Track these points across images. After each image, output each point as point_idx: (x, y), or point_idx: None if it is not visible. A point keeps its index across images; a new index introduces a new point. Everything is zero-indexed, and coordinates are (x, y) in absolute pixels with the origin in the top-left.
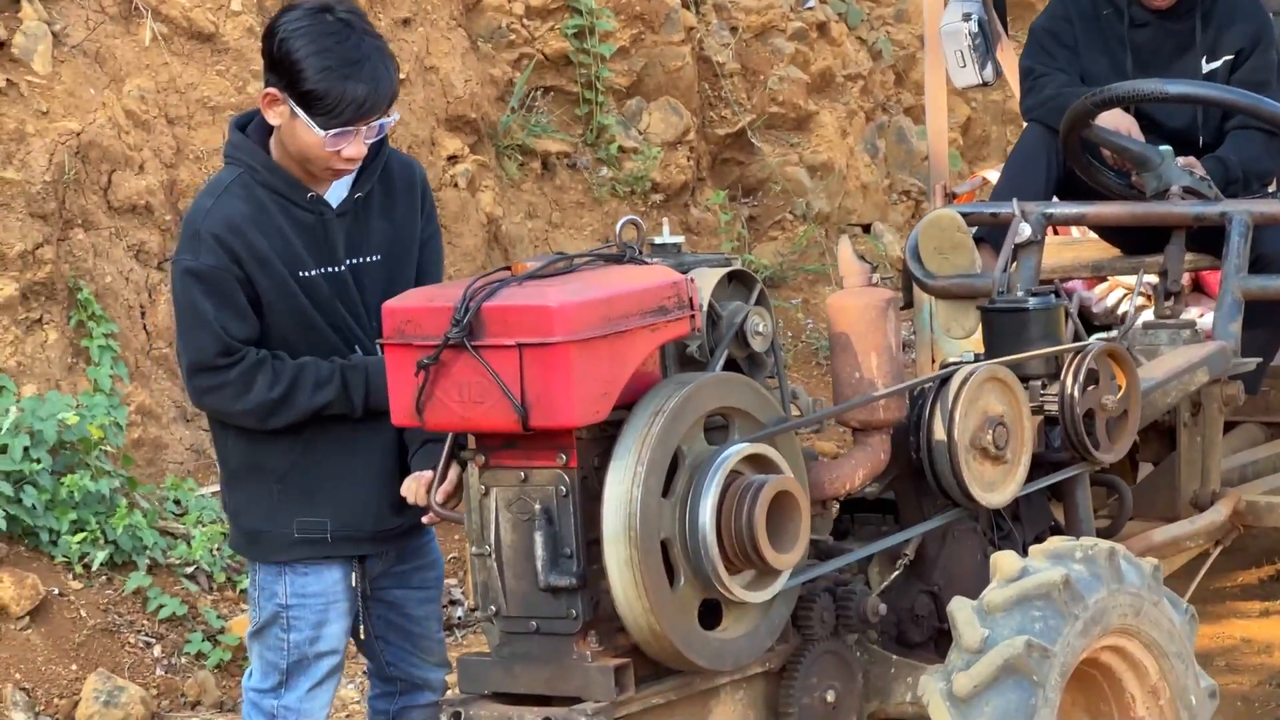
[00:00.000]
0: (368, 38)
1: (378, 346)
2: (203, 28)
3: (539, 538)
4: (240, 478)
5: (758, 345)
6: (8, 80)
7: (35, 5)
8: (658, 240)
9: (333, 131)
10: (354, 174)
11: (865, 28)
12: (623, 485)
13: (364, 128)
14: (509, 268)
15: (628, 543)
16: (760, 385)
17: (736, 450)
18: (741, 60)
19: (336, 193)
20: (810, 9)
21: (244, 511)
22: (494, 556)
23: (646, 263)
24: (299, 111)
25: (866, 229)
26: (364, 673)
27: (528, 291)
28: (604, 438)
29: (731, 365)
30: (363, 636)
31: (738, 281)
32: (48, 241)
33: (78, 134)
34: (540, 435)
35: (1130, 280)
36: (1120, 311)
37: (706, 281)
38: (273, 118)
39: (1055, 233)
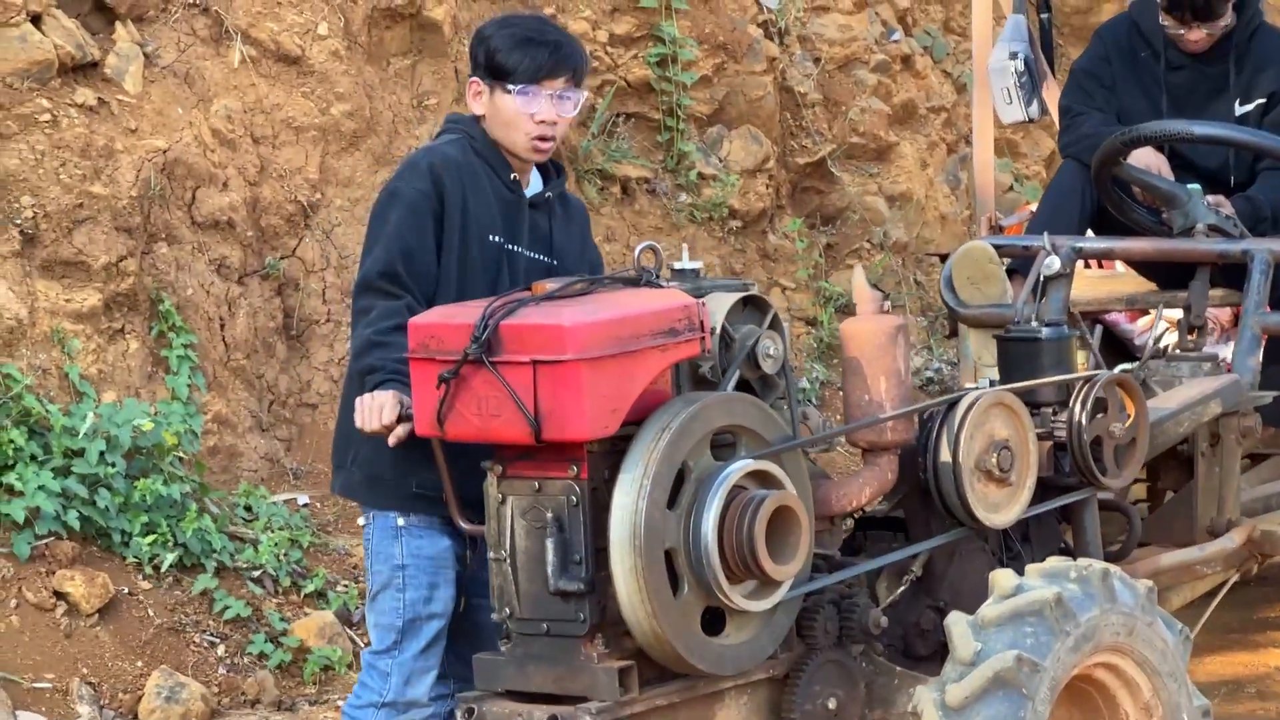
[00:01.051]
0: (553, 26)
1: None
2: (290, 51)
3: (550, 544)
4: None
5: (769, 367)
6: (99, 99)
7: (129, 27)
8: (677, 265)
9: (518, 88)
10: (545, 175)
11: (950, 61)
12: (630, 496)
13: (550, 91)
14: (529, 288)
15: (633, 551)
16: (768, 405)
17: (740, 466)
18: (824, 91)
19: (531, 188)
20: (895, 42)
21: (370, 458)
22: (509, 561)
23: (661, 286)
24: (493, 83)
25: (944, 258)
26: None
27: (544, 311)
28: (614, 451)
29: (745, 386)
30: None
31: (752, 306)
32: (131, 254)
33: (164, 151)
34: (553, 447)
35: (1172, 314)
36: (1163, 344)
37: (720, 305)
38: (477, 107)
39: (1100, 266)
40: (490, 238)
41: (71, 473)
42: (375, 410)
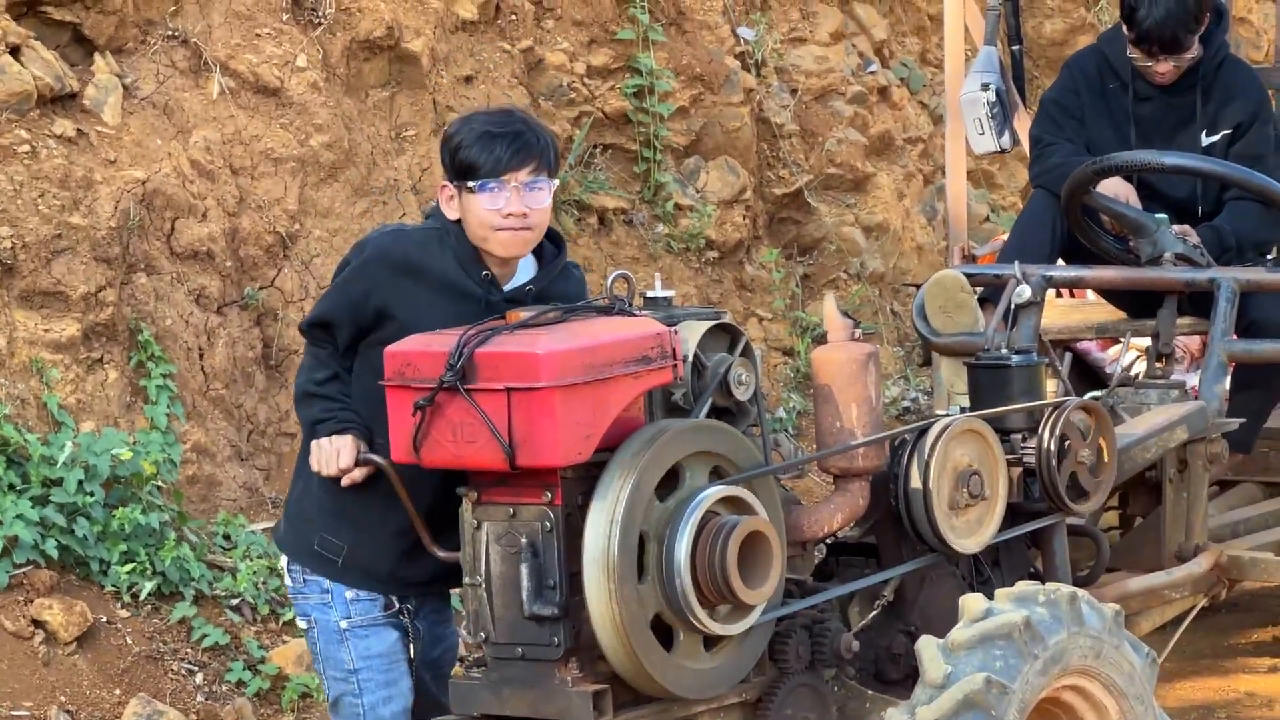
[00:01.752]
0: (517, 115)
1: None
2: (269, 82)
3: (525, 569)
4: (304, 473)
5: (740, 394)
6: (78, 130)
7: (108, 58)
8: (650, 293)
9: (479, 184)
10: (533, 265)
11: (927, 92)
12: (603, 522)
13: (516, 183)
14: (504, 316)
15: (607, 576)
16: (740, 432)
17: (712, 492)
18: (800, 122)
19: (518, 276)
20: (872, 73)
21: (294, 504)
22: (484, 586)
23: (634, 315)
24: (460, 183)
25: (919, 288)
26: None
27: (518, 339)
28: (588, 477)
29: (718, 413)
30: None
31: (724, 334)
32: (110, 284)
33: (143, 182)
34: (527, 474)
35: (1142, 342)
36: (1134, 373)
37: (692, 333)
38: (451, 212)
39: (1072, 295)
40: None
41: (50, 502)
42: (332, 454)
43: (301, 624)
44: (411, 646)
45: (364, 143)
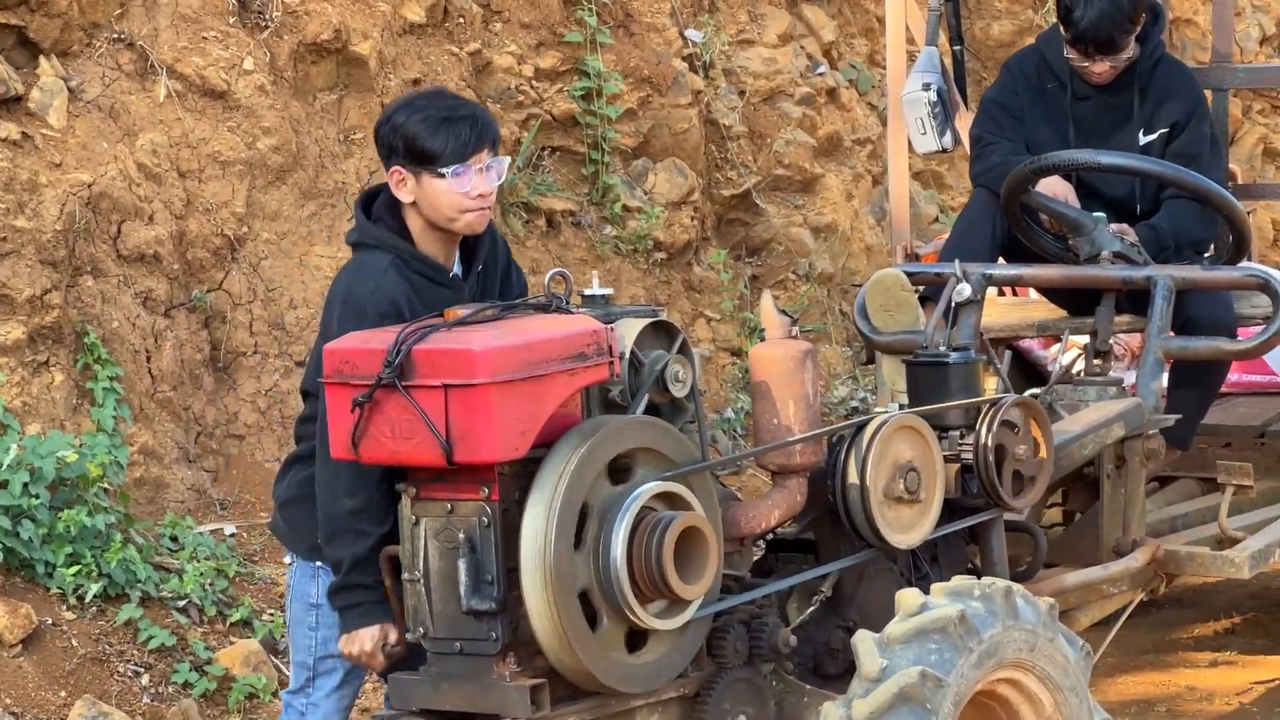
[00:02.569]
0: (457, 97)
1: None
2: (216, 85)
3: (463, 565)
4: (297, 473)
5: (678, 391)
6: (23, 133)
7: (53, 61)
8: (587, 291)
9: (450, 170)
10: (475, 250)
11: (875, 94)
12: (540, 518)
13: (478, 166)
14: (442, 314)
15: (544, 571)
16: (677, 429)
17: (648, 488)
18: (749, 123)
19: (458, 265)
20: (820, 75)
21: (292, 503)
22: (423, 582)
23: (571, 312)
24: (420, 169)
25: None
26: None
27: (455, 336)
28: (525, 473)
29: (655, 410)
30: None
31: (662, 332)
32: (56, 287)
33: (89, 185)
34: (465, 469)
35: (1081, 340)
36: (1076, 370)
37: (629, 330)
38: (404, 195)
39: (1014, 293)
40: None
41: None
42: (357, 653)
43: (287, 559)
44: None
45: (312, 145)
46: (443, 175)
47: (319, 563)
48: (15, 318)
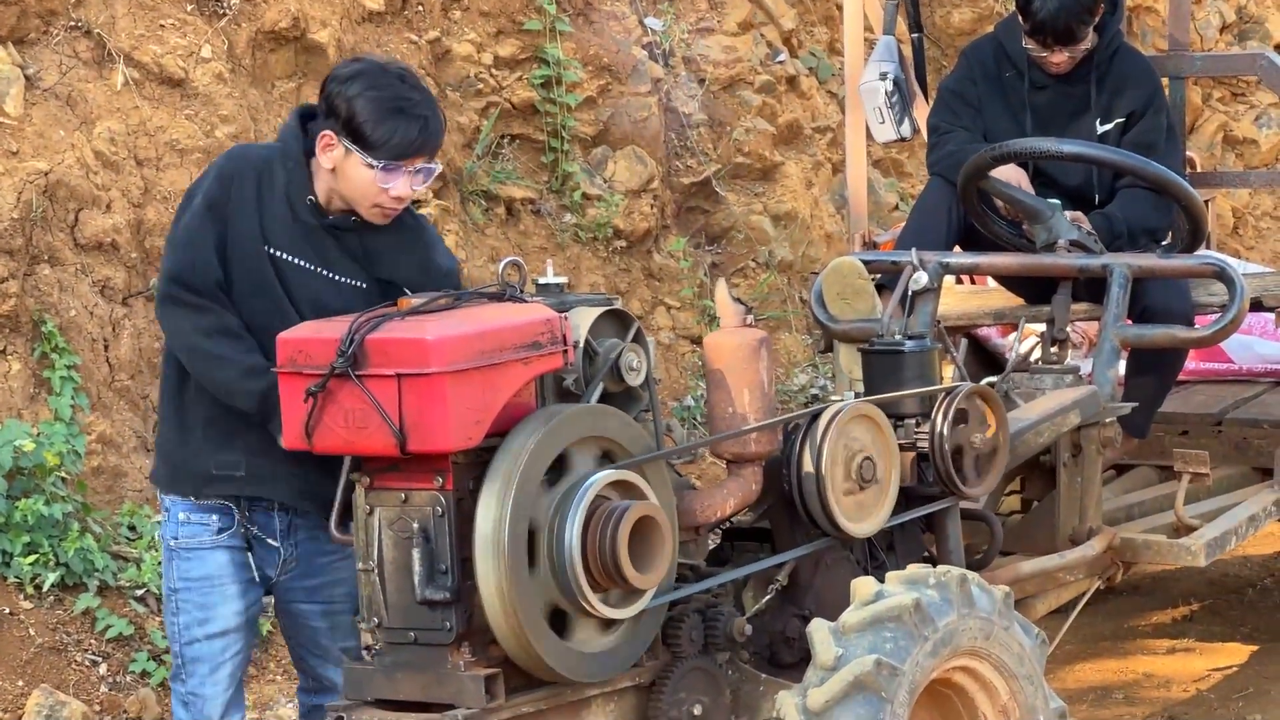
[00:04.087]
0: (419, 90)
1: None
2: (173, 74)
3: (416, 554)
4: (170, 418)
5: (632, 380)
6: None
7: (10, 49)
8: (542, 280)
9: (383, 164)
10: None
11: (835, 82)
12: (494, 507)
13: (411, 168)
14: (395, 303)
15: (497, 561)
16: (630, 417)
17: (602, 476)
18: (708, 111)
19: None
20: (780, 63)
21: (172, 448)
22: (377, 571)
23: (525, 301)
24: (352, 148)
25: None
26: (298, 689)
27: (408, 325)
28: (479, 462)
29: (610, 399)
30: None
31: (616, 320)
32: (13, 276)
33: (46, 173)
34: (418, 459)
35: (1039, 328)
36: (1034, 358)
37: (584, 319)
38: (327, 161)
39: (973, 282)
40: (268, 250)
41: None
42: None
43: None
44: (266, 569)
45: (270, 134)
46: (372, 166)
47: (171, 541)
48: None
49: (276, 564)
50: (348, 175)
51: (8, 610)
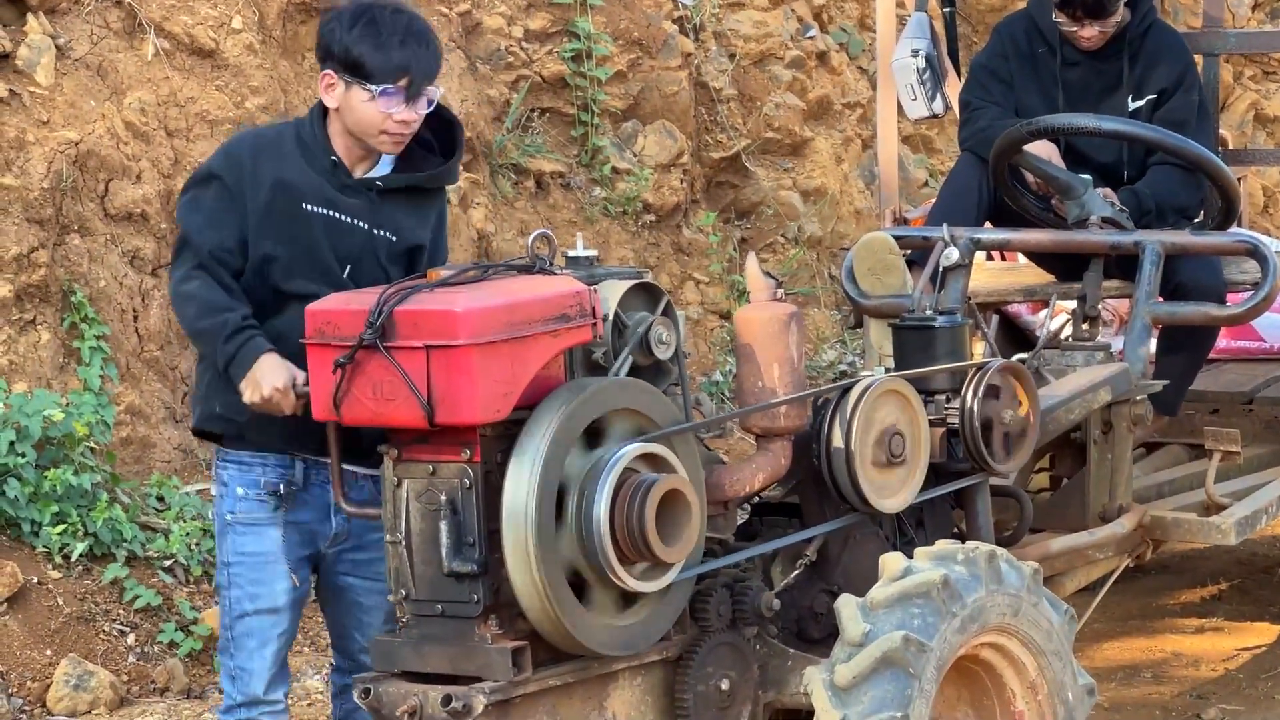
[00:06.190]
0: (412, 17)
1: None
2: (204, 44)
3: (444, 526)
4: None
5: (661, 353)
6: (10, 90)
7: (41, 19)
8: (571, 253)
9: (380, 89)
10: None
11: (865, 58)
12: (522, 479)
13: (410, 90)
14: (424, 275)
15: (525, 533)
16: (659, 390)
17: (631, 449)
18: (739, 86)
19: (378, 170)
20: (811, 38)
21: (198, 386)
22: (405, 544)
23: (555, 273)
24: (350, 80)
25: None
26: (330, 665)
27: (437, 297)
28: (507, 435)
29: (638, 372)
30: (314, 599)
31: (646, 293)
32: (43, 246)
33: (76, 143)
34: (446, 431)
35: (1070, 305)
36: (1065, 335)
37: (613, 292)
38: (330, 100)
39: (1003, 258)
40: (305, 206)
41: None
42: (268, 394)
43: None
44: (318, 542)
45: (300, 105)
46: (370, 92)
47: (228, 515)
48: (2, 276)
49: (328, 536)
50: (352, 108)
51: (36, 580)
